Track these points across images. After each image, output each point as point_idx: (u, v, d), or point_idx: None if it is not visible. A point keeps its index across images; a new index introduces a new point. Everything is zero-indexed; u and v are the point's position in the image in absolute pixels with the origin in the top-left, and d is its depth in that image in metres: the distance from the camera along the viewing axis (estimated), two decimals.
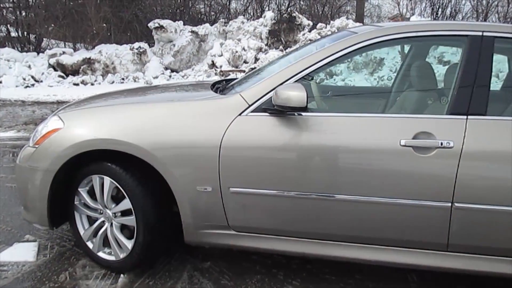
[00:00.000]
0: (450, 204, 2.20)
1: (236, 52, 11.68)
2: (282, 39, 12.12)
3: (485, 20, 12.01)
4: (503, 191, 2.18)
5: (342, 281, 2.59)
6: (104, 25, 13.32)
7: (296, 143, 2.29)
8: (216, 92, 2.74)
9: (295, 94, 2.16)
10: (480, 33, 2.33)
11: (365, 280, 2.61)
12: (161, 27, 12.03)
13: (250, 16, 14.76)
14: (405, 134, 2.21)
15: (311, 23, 12.40)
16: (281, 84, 2.31)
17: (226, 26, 13.02)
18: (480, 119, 2.22)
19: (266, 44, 12.24)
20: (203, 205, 2.39)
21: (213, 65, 11.71)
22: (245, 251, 2.64)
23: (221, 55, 11.93)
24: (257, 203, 2.37)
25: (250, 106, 2.34)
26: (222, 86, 2.94)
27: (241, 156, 2.32)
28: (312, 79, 3.14)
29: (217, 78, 9.96)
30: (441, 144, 2.17)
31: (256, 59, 11.53)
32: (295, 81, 2.32)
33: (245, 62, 11.60)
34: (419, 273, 2.67)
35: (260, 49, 11.94)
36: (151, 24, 12.27)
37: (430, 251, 2.32)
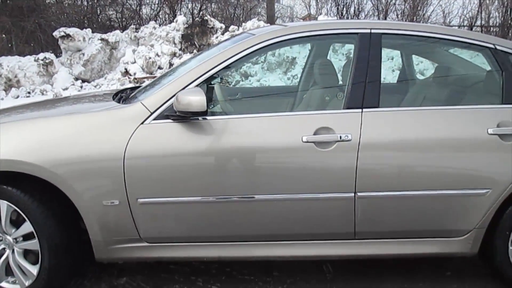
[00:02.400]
0: (353, 194, 2.30)
1: (150, 58, 11.43)
2: (195, 43, 12.04)
3: (385, 18, 12.80)
4: (400, 177, 2.32)
5: (261, 280, 2.62)
6: (4, 36, 12.42)
7: (202, 147, 2.28)
8: (119, 101, 2.66)
9: (195, 99, 2.15)
10: (369, 31, 2.47)
11: (283, 277, 2.65)
12: (67, 35, 11.44)
13: (162, 21, 14.49)
14: (307, 131, 2.28)
15: (223, 26, 12.45)
16: (182, 89, 2.28)
17: (137, 32, 12.69)
18: (374, 111, 2.35)
19: (180, 49, 12.10)
20: (111, 219, 2.30)
21: (126, 72, 11.36)
22: (163, 262, 2.58)
23: (134, 62, 11.60)
24: (168, 212, 2.33)
25: (152, 113, 2.29)
26: (125, 95, 2.85)
27: (147, 166, 2.26)
28: (222, 80, 3.15)
29: (131, 86, 9.65)
30: (340, 137, 2.27)
31: (171, 64, 11.36)
32: (196, 86, 2.31)
33: (159, 68, 11.38)
34: (333, 263, 2.77)
35: (174, 54, 11.78)
36: (56, 33, 11.62)
37: (340, 241, 2.42)
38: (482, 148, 2.34)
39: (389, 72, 8.06)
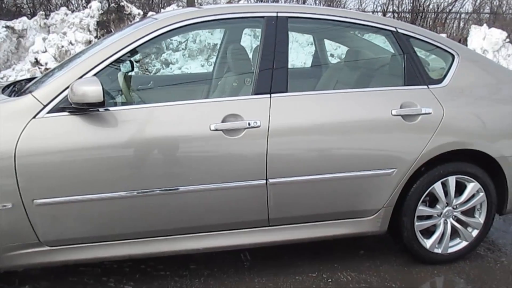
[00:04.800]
0: (265, 181, 2.28)
1: (62, 47, 10.74)
2: (112, 30, 11.48)
3: (304, 2, 12.98)
4: (310, 161, 2.33)
5: (177, 275, 2.53)
6: None
7: (105, 140, 2.14)
8: (11, 94, 2.41)
9: (91, 89, 1.99)
10: (275, 14, 2.43)
11: (200, 269, 2.59)
12: None
13: (74, 7, 13.67)
14: (214, 119, 2.21)
15: (141, 12, 11.97)
16: (78, 79, 2.11)
17: (47, 19, 11.86)
18: (283, 96, 2.32)
19: (96, 37, 11.48)
20: (5, 224, 2.09)
21: (37, 62, 10.59)
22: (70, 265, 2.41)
23: (45, 51, 10.85)
24: (70, 211, 2.16)
25: (45, 106, 2.10)
26: (18, 88, 2.59)
27: (43, 163, 2.08)
28: (133, 68, 2.98)
29: (27, 77, 9.00)
30: (249, 124, 2.22)
31: None
32: (94, 75, 2.14)
33: None
34: (250, 251, 2.74)
35: (89, 42, 11.14)
36: None
37: (254, 229, 2.39)
38: (387, 129, 2.41)
39: (310, 57, 8.20)
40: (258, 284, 2.46)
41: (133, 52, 2.25)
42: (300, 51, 9.78)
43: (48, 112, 2.09)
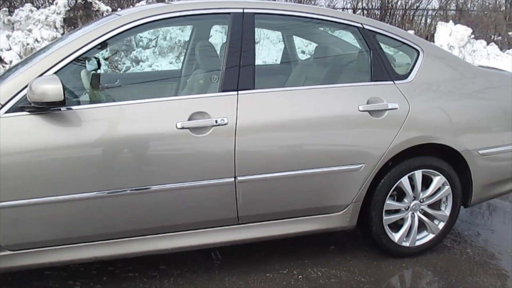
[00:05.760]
0: (233, 179, 2.26)
1: (28, 44, 10.44)
2: (79, 27, 11.27)
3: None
4: (278, 158, 2.32)
5: (146, 276, 2.49)
6: None
7: (69, 140, 2.07)
8: None
9: (50, 88, 1.92)
10: (241, 10, 2.40)
11: (170, 269, 2.55)
12: None
13: (40, 4, 13.29)
14: (181, 117, 2.17)
15: (110, 9, 11.76)
16: (38, 77, 2.03)
17: (11, 15, 11.51)
18: (250, 93, 2.30)
19: (63, 34, 11.21)
20: None
21: (1, 60, 10.27)
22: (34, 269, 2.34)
23: (10, 49, 10.52)
24: (32, 214, 2.09)
25: (3, 106, 2.02)
26: None
27: (1, 165, 2.00)
28: (99, 66, 2.90)
29: None
30: (216, 122, 2.20)
31: None
32: (54, 73, 2.07)
33: None
34: (221, 249, 2.72)
35: (56, 39, 10.90)
36: None
37: (224, 227, 2.37)
38: (354, 125, 2.42)
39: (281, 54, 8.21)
40: (228, 282, 2.44)
41: (96, 49, 2.18)
42: (271, 48, 9.79)
43: (7, 112, 2.02)
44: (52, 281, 2.44)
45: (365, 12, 13.02)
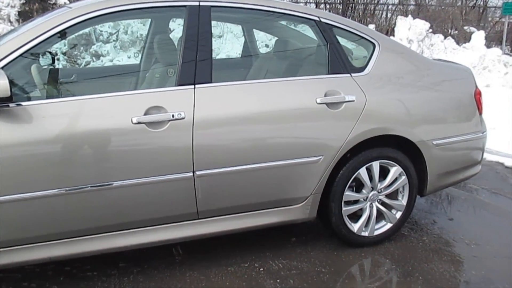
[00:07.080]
0: (192, 174, 2.24)
1: None
2: (30, 19, 10.89)
3: None
4: (236, 152, 2.31)
5: (104, 274, 2.44)
6: None
7: (18, 138, 2.00)
8: None
9: None
10: (197, 3, 2.37)
11: (130, 267, 2.51)
12: None
13: None
14: (136, 111, 2.13)
15: (67, 2, 11.40)
16: None
17: None
18: (207, 87, 2.28)
19: None
20: None
21: None
22: None
23: None
24: None
25: None
26: None
27: None
28: (54, 61, 2.81)
29: None
30: (173, 116, 2.17)
31: None
32: (1, 68, 1.98)
33: None
34: (182, 245, 2.70)
35: (3, 34, 10.49)
36: None
37: (184, 223, 2.35)
38: (312, 117, 2.44)
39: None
40: (189, 278, 2.42)
41: (45, 43, 2.10)
42: (235, 42, 9.75)
43: None
44: (5, 283, 2.36)
45: (328, 6, 13.17)
